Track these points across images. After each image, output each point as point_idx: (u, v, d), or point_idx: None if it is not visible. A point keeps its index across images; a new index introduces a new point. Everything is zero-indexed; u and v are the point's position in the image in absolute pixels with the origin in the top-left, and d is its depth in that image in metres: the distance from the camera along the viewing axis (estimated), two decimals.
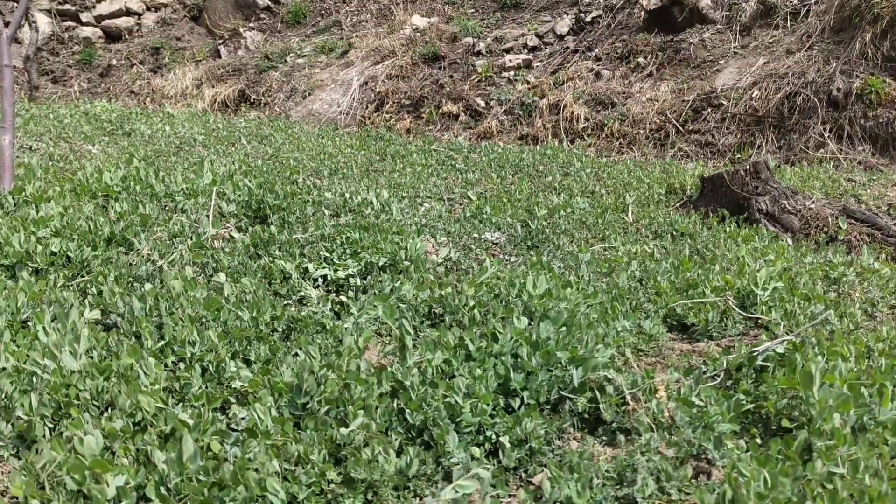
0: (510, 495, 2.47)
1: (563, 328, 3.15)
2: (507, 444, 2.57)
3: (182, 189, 4.79)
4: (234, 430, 2.50)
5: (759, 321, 3.71)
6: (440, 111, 10.76)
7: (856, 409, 2.54)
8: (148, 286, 3.38)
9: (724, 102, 9.08)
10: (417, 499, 2.34)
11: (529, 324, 3.25)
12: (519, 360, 2.95)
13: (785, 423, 2.64)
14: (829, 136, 8.21)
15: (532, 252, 4.70)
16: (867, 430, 2.51)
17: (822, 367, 2.70)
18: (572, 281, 3.93)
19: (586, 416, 2.85)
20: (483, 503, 2.24)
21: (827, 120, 8.33)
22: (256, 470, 2.12)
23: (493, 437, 2.62)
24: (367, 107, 11.31)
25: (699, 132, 9.12)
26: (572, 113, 9.70)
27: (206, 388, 2.69)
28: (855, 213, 5.47)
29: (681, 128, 9.24)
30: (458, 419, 2.62)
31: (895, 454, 2.31)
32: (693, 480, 2.44)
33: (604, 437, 2.76)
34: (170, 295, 3.29)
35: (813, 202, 5.63)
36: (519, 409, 2.78)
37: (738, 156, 8.58)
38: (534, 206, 5.58)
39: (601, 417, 2.79)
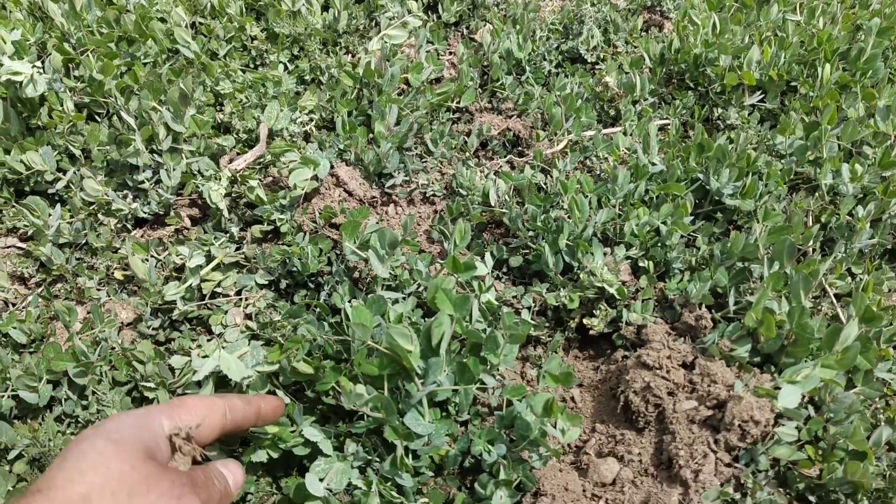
0: (450, 52, 2.35)
1: None
2: None
3: None
4: None
5: None
6: None
7: None
8: None
9: None
10: (350, 55, 2.20)
11: None
12: None
13: None
14: None
15: None
16: None
17: None
18: None
19: None
20: (418, 54, 2.11)
21: None
22: (163, 20, 1.92)
23: None
24: None
25: None
26: None
27: None
28: None
29: None
30: None
31: (857, 2, 2.15)
32: (643, 33, 2.31)
33: None
34: None
35: None
36: None
37: None
38: None
39: None
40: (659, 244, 1.55)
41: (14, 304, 1.55)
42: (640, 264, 1.54)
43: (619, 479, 1.21)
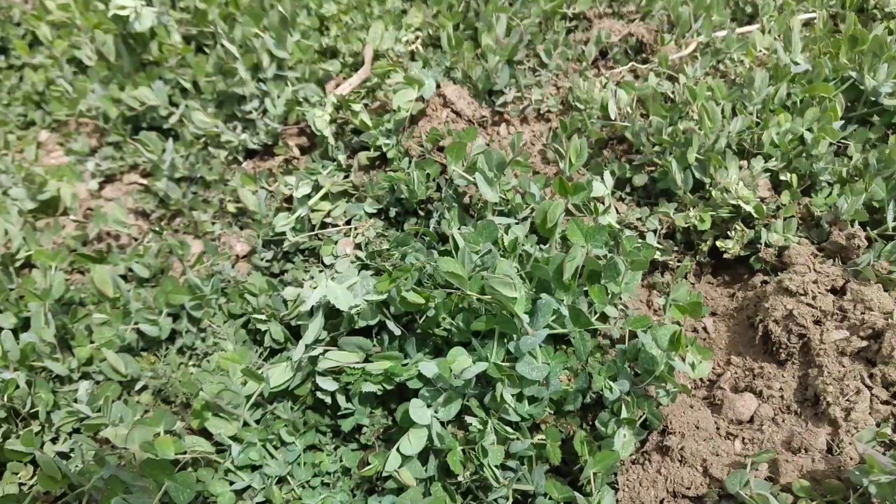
0: None
1: None
2: None
3: None
4: None
5: None
6: None
7: None
8: None
9: None
10: None
11: None
12: None
13: None
14: None
15: None
16: None
17: None
18: None
19: None
20: None
21: None
22: None
23: None
24: None
25: None
26: None
27: None
28: None
29: None
30: None
31: None
32: None
33: None
34: None
35: None
36: None
37: None
38: None
39: None
40: (803, 154, 1.37)
41: (136, 239, 1.58)
42: (782, 178, 1.38)
43: (757, 416, 1.10)
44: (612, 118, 1.51)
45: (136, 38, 1.81)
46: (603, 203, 1.33)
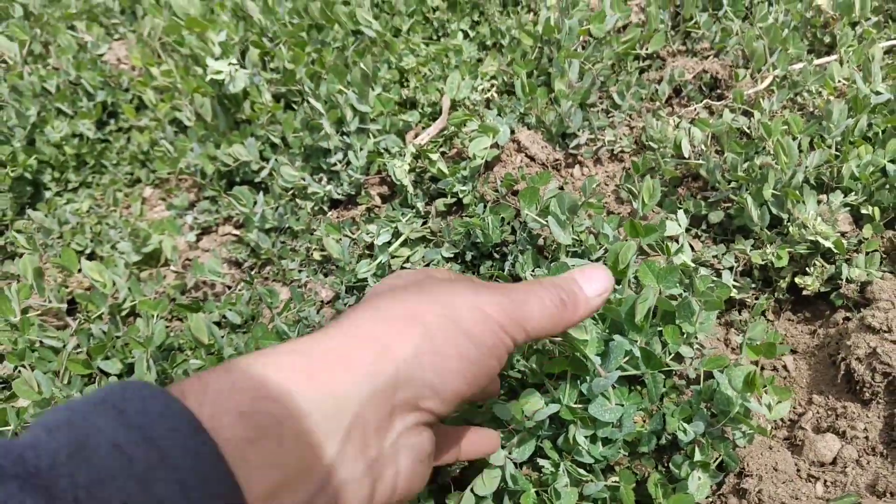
0: None
1: None
2: None
3: None
4: None
5: None
6: None
7: None
8: None
9: None
10: (531, 14, 2.14)
11: None
12: None
13: None
14: None
15: None
16: None
17: None
18: None
19: None
20: (601, 2, 1.99)
21: None
22: (346, 2, 1.98)
23: None
24: None
25: None
26: None
27: None
28: None
29: None
30: None
31: None
32: None
33: None
34: None
35: None
36: None
37: None
38: None
39: None
40: (886, 186, 1.34)
41: (230, 287, 1.69)
42: (863, 211, 1.35)
43: (840, 457, 1.07)
44: (686, 156, 1.51)
45: (230, 99, 1.94)
46: (677, 242, 1.34)
